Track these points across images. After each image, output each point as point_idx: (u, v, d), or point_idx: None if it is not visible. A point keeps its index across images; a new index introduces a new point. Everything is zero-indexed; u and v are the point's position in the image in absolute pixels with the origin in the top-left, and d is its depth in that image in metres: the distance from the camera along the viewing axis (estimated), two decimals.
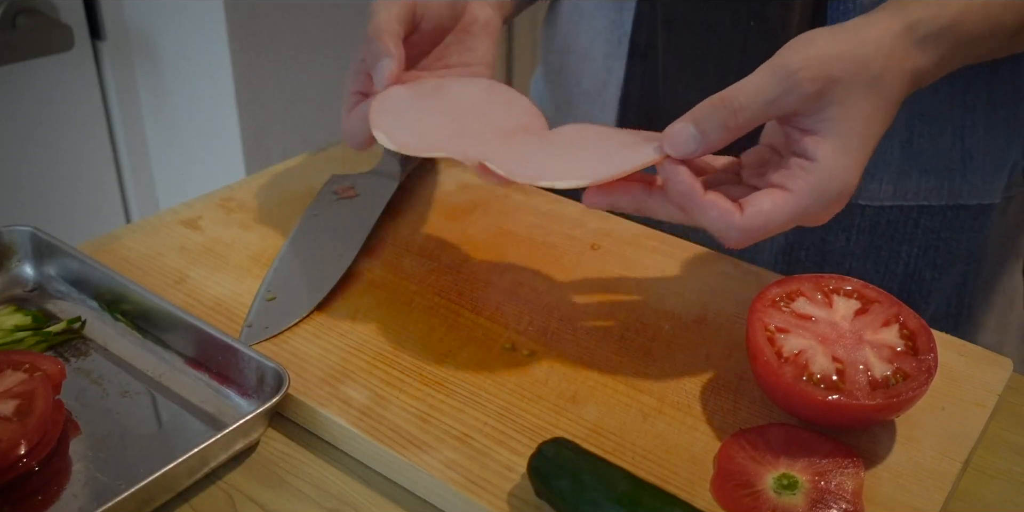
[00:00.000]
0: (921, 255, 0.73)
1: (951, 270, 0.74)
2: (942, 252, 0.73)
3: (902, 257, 0.73)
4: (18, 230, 0.62)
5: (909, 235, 0.73)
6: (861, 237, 0.73)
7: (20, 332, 0.57)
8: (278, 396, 0.50)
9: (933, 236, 0.72)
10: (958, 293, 0.76)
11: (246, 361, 0.53)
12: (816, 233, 0.73)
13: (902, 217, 0.72)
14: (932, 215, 0.72)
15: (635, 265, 0.65)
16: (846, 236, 0.73)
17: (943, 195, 0.71)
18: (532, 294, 0.62)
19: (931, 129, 0.69)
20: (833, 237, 0.73)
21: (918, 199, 0.71)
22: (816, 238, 0.73)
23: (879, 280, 0.74)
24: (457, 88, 0.62)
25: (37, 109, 1.20)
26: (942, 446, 0.51)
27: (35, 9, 1.12)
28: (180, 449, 0.47)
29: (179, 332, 0.56)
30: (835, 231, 0.73)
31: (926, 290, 0.74)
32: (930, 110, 0.68)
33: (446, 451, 0.49)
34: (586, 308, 0.61)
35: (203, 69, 1.21)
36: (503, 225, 0.69)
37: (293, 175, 0.76)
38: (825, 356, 0.50)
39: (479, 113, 0.60)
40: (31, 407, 0.49)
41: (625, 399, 0.53)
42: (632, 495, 0.44)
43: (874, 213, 0.72)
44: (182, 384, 0.55)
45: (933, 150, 0.69)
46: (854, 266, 0.74)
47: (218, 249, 0.66)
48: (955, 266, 0.74)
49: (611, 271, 0.64)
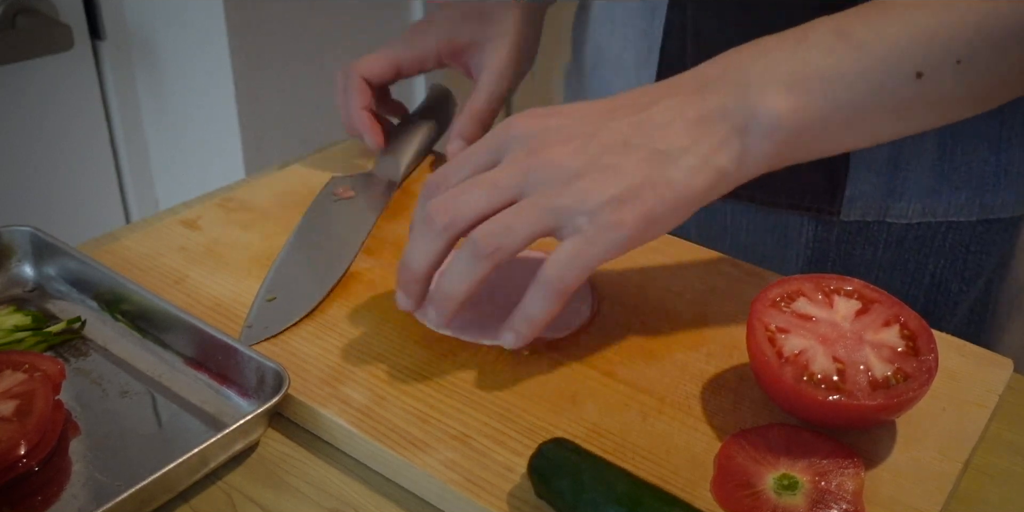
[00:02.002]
0: (948, 266, 0.72)
1: (978, 281, 0.73)
2: (970, 264, 0.72)
3: (928, 268, 0.72)
4: (18, 230, 0.62)
5: (937, 248, 0.71)
6: (887, 251, 0.72)
7: (20, 332, 0.57)
8: (278, 396, 0.50)
9: (962, 249, 0.71)
10: (983, 299, 0.75)
11: (246, 361, 0.53)
12: (841, 246, 0.72)
13: (930, 232, 0.71)
14: (961, 229, 0.70)
15: (634, 265, 0.65)
16: (872, 250, 0.72)
17: (974, 211, 0.69)
18: None
19: (964, 146, 0.67)
20: (860, 250, 0.72)
21: (947, 216, 0.70)
22: (841, 251, 0.72)
23: (905, 291, 0.73)
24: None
25: (37, 109, 1.20)
26: (943, 446, 0.51)
27: (35, 9, 1.12)
28: (180, 449, 0.47)
29: (179, 332, 0.56)
30: (861, 244, 0.72)
31: (952, 301, 0.73)
32: (964, 127, 0.66)
33: (446, 451, 0.49)
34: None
35: (203, 69, 1.21)
36: None
37: (293, 175, 0.76)
38: (825, 356, 0.50)
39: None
40: (31, 407, 0.49)
41: (625, 399, 0.53)
42: (632, 495, 0.44)
43: (901, 229, 0.71)
44: (182, 384, 0.55)
45: (966, 167, 0.68)
46: (880, 277, 0.73)
47: (218, 249, 0.66)
48: (982, 277, 0.73)
49: (611, 271, 0.64)
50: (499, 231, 0.50)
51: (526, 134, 0.53)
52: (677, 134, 0.51)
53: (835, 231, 0.71)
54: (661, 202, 0.50)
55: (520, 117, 0.54)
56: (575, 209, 0.50)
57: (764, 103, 0.50)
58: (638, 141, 0.51)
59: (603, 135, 0.51)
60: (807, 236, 0.72)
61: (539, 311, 0.51)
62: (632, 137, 0.51)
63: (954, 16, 0.50)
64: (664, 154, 0.50)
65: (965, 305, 0.73)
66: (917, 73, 0.50)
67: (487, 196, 0.51)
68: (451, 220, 0.51)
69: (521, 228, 0.50)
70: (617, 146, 0.51)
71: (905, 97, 0.51)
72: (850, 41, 0.50)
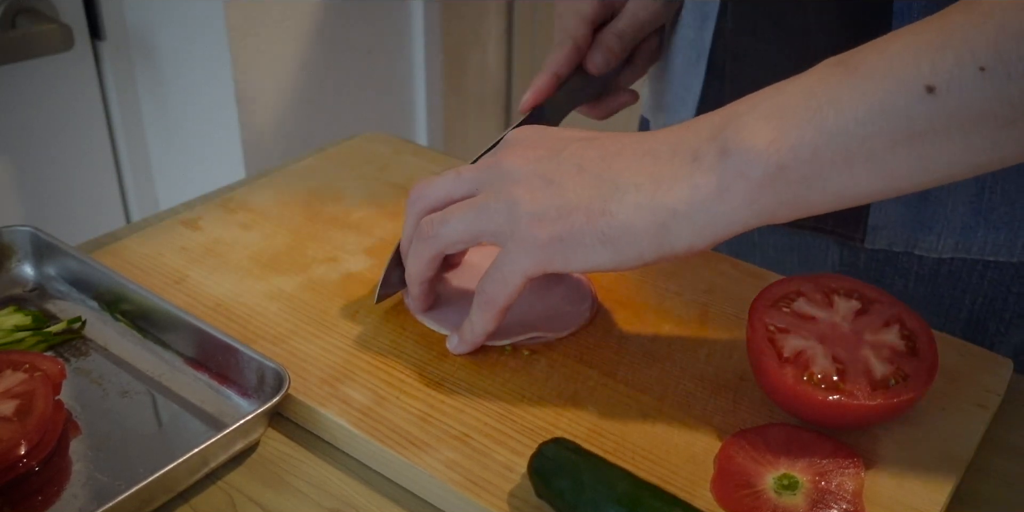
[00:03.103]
0: (986, 306, 0.65)
1: (1021, 323, 0.66)
2: (1011, 305, 0.65)
3: (965, 305, 0.66)
4: (18, 230, 0.62)
5: (974, 286, 0.65)
6: (920, 284, 0.66)
7: (20, 332, 0.57)
8: (278, 396, 0.50)
9: (1002, 289, 0.64)
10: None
11: (246, 361, 0.53)
12: (870, 274, 0.67)
13: (965, 268, 0.64)
14: (1001, 269, 0.64)
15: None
16: (903, 281, 0.67)
17: (1014, 251, 0.62)
18: None
19: (1005, 184, 0.60)
20: (889, 280, 0.67)
21: (983, 254, 0.63)
22: (870, 279, 0.67)
23: (939, 327, 0.65)
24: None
25: (37, 109, 1.20)
26: (943, 446, 0.51)
27: (35, 9, 1.12)
28: (180, 449, 0.47)
29: (179, 332, 0.56)
30: (890, 274, 0.67)
31: (989, 341, 0.67)
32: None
33: (446, 451, 0.49)
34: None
35: (203, 69, 1.21)
36: None
37: (293, 175, 0.76)
38: (825, 356, 0.50)
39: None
40: (31, 407, 0.49)
41: (625, 399, 0.53)
42: (632, 495, 0.44)
43: (934, 262, 0.65)
44: (182, 384, 0.55)
45: (1007, 206, 0.61)
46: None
47: (218, 249, 0.66)
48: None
49: (611, 271, 0.64)
50: (438, 220, 0.53)
51: (515, 137, 0.54)
52: (634, 167, 0.48)
53: (862, 257, 0.67)
54: (589, 231, 0.48)
55: (524, 127, 0.55)
56: (500, 213, 0.50)
57: (737, 136, 0.45)
58: (592, 167, 0.49)
59: (565, 153, 0.50)
60: (833, 260, 0.69)
61: (479, 322, 0.54)
62: (588, 162, 0.49)
63: (972, 15, 0.41)
64: (612, 184, 0.48)
65: (1006, 347, 0.67)
66: (927, 87, 0.41)
67: (448, 185, 0.54)
68: (416, 195, 0.55)
69: (455, 221, 0.52)
70: (571, 167, 0.50)
71: (917, 119, 0.42)
72: (847, 65, 0.44)
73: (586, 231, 0.48)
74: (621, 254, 0.48)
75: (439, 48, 1.41)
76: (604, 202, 0.48)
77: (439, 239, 0.53)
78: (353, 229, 0.69)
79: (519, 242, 0.50)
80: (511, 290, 0.51)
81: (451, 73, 1.50)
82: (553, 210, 0.49)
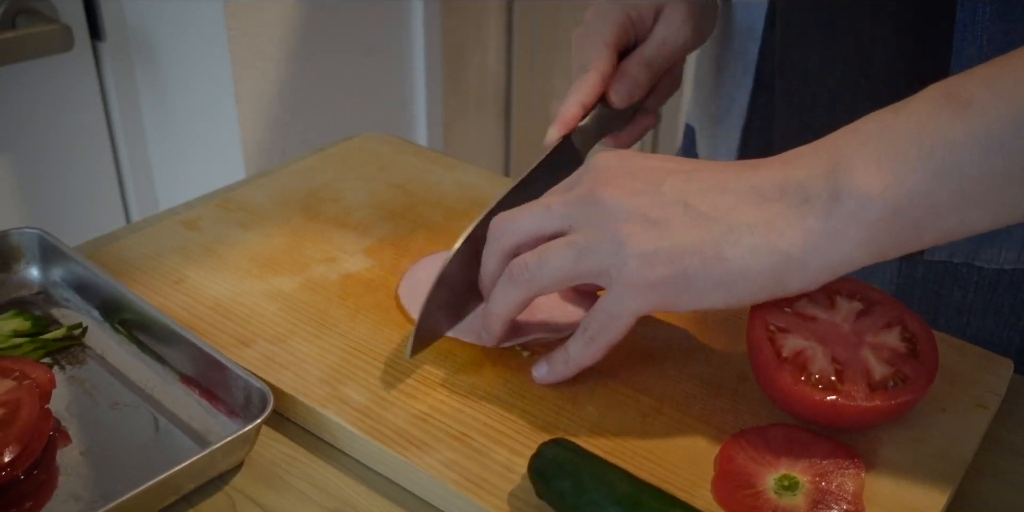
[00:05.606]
0: None
1: None
2: None
3: None
4: (26, 232, 0.62)
5: None
6: (979, 294, 0.65)
7: (18, 338, 0.57)
8: (259, 419, 0.49)
9: None
10: None
11: (234, 379, 0.52)
12: (928, 286, 0.66)
13: None
14: None
15: None
16: (962, 293, 0.65)
17: None
18: None
19: None
20: (948, 291, 0.66)
21: None
22: (928, 291, 0.66)
23: (999, 333, 0.66)
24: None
25: (37, 109, 1.20)
26: (943, 447, 0.51)
27: (35, 9, 1.11)
28: (165, 463, 0.46)
29: (174, 345, 0.55)
30: (949, 286, 0.65)
31: None
32: None
33: (446, 451, 0.49)
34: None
35: (203, 69, 1.21)
36: None
37: (293, 175, 0.76)
38: (825, 357, 0.50)
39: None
40: (16, 415, 0.49)
41: (625, 399, 0.53)
42: (632, 495, 0.44)
43: (994, 273, 0.64)
44: (173, 399, 0.54)
45: None
46: (971, 322, 0.66)
47: (218, 249, 0.66)
48: None
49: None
50: (533, 262, 0.50)
51: (602, 166, 0.51)
52: (742, 206, 0.47)
53: (920, 269, 0.66)
54: (704, 275, 0.47)
55: (606, 152, 0.53)
56: (604, 254, 0.48)
57: (850, 180, 0.44)
58: (699, 205, 0.47)
59: (666, 187, 0.48)
60: (891, 271, 0.67)
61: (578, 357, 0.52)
62: (693, 198, 0.47)
63: None
64: (725, 226, 0.47)
65: None
66: None
67: (538, 220, 0.51)
68: (500, 230, 0.52)
69: (555, 261, 0.50)
70: (676, 203, 0.48)
71: None
72: (958, 100, 0.43)
73: (700, 276, 0.47)
74: (734, 297, 0.48)
75: (439, 48, 1.41)
76: (718, 246, 0.46)
77: (535, 282, 0.50)
78: (352, 229, 0.69)
79: (627, 284, 0.48)
80: (619, 330, 0.50)
81: (451, 73, 1.50)
82: (664, 252, 0.47)
